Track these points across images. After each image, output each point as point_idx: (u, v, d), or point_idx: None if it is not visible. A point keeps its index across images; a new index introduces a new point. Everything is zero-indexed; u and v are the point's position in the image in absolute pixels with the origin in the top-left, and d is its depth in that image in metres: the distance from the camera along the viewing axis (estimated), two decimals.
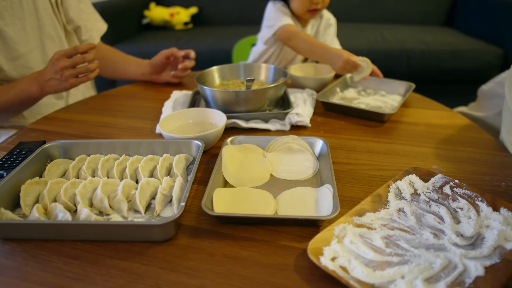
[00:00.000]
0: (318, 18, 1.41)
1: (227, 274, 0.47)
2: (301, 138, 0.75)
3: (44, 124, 0.92)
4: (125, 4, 2.60)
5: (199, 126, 0.85)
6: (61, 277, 0.47)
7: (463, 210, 0.57)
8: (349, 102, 1.03)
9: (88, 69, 0.94)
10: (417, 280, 0.43)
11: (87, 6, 1.21)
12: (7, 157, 0.71)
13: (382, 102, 1.05)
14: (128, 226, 0.52)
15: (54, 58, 0.91)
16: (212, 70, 1.05)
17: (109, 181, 0.61)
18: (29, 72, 1.02)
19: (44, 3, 1.05)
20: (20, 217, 0.56)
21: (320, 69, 1.22)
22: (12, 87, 0.95)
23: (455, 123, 0.93)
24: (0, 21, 0.95)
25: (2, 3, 0.94)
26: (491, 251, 0.48)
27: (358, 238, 0.50)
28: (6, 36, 0.96)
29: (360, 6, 2.75)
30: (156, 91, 1.16)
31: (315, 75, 1.19)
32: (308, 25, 1.39)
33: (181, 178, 0.62)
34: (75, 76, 0.93)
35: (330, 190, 0.59)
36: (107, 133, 0.88)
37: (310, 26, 1.40)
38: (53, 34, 1.08)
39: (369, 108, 0.99)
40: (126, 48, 2.34)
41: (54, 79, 0.92)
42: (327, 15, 1.42)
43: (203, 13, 2.88)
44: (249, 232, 0.54)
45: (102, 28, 1.27)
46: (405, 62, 2.21)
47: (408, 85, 1.09)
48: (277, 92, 0.93)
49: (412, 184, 0.63)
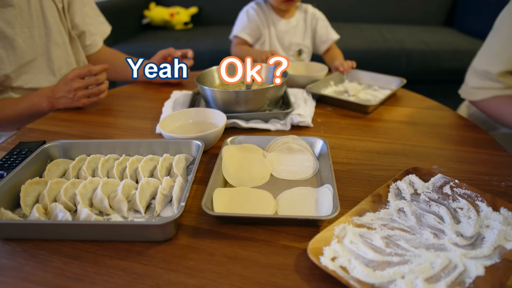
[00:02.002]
0: (302, 13, 1.49)
1: (227, 274, 0.47)
2: (301, 138, 0.75)
3: (44, 124, 0.92)
4: (125, 4, 2.60)
5: (199, 126, 0.85)
6: (61, 277, 0.47)
7: (463, 210, 0.57)
8: (340, 95, 1.09)
9: (100, 91, 0.99)
10: (417, 280, 0.43)
11: (92, 9, 1.22)
12: (7, 157, 0.71)
13: (372, 96, 1.11)
14: (128, 226, 0.52)
15: (68, 78, 0.94)
16: (212, 70, 1.05)
17: (109, 181, 0.61)
18: (34, 79, 1.03)
19: (52, 10, 1.05)
20: (20, 217, 0.56)
21: (311, 67, 1.25)
22: (22, 100, 0.97)
23: (455, 123, 0.93)
24: (11, 30, 0.95)
25: (12, 12, 0.95)
26: (491, 251, 0.48)
27: (358, 238, 0.50)
28: (16, 45, 0.97)
29: (360, 6, 2.75)
30: (156, 91, 1.16)
31: (306, 74, 1.22)
32: (292, 18, 1.47)
33: (181, 178, 0.62)
34: (87, 97, 0.98)
35: (330, 190, 0.59)
36: (107, 133, 0.88)
37: (295, 19, 1.47)
38: (59, 41, 1.09)
39: (358, 101, 1.04)
40: (126, 48, 2.34)
41: (66, 97, 0.96)
42: (311, 10, 1.50)
43: (203, 13, 2.88)
44: (249, 232, 0.54)
45: (106, 31, 1.28)
46: (405, 62, 2.21)
47: (400, 80, 1.14)
48: (277, 92, 0.93)
49: (412, 184, 0.63)
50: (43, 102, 0.96)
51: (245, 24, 1.45)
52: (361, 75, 1.22)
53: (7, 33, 0.94)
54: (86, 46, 1.21)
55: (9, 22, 0.94)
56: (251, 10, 1.45)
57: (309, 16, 1.48)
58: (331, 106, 1.02)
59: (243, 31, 1.45)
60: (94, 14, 1.23)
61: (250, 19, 1.45)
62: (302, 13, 1.49)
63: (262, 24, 1.45)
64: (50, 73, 1.07)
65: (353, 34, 2.40)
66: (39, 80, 1.05)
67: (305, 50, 1.51)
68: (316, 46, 1.52)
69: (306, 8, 1.49)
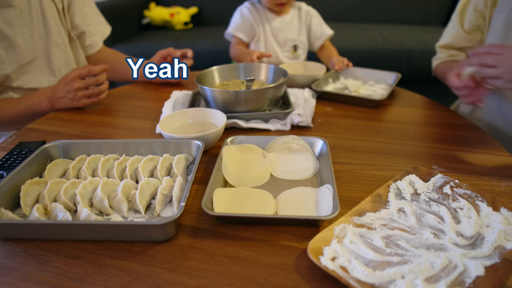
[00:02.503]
0: (296, 10, 1.51)
1: (227, 274, 0.47)
2: (301, 138, 0.75)
3: (44, 124, 0.92)
4: (125, 4, 2.60)
5: (199, 126, 0.85)
6: (61, 277, 0.47)
7: (463, 210, 0.57)
8: (342, 92, 1.11)
9: (100, 91, 0.99)
10: (417, 280, 0.43)
11: (92, 10, 1.22)
12: (7, 157, 0.71)
13: (372, 91, 1.13)
14: (128, 226, 0.52)
15: (69, 78, 0.94)
16: (212, 70, 1.05)
17: (109, 181, 0.61)
18: (34, 79, 1.03)
19: (52, 10, 1.06)
20: (20, 217, 0.56)
21: (309, 67, 1.25)
22: (22, 100, 0.97)
23: (455, 123, 0.93)
24: (11, 30, 0.95)
25: (13, 12, 0.95)
26: (491, 251, 0.48)
27: (358, 238, 0.50)
28: (16, 45, 0.97)
29: (360, 6, 2.75)
30: (156, 91, 1.16)
31: (304, 73, 1.22)
32: (287, 15, 1.49)
33: (181, 178, 0.62)
34: (87, 97, 0.98)
35: (330, 190, 0.59)
36: (107, 133, 0.88)
37: (289, 16, 1.49)
38: (59, 41, 1.09)
39: (365, 96, 1.06)
40: (126, 48, 2.34)
41: (66, 98, 0.96)
42: (305, 7, 1.52)
43: (203, 13, 2.88)
44: (249, 232, 0.54)
45: (105, 32, 1.28)
46: (405, 62, 2.21)
47: (395, 74, 1.18)
48: (277, 92, 0.93)
49: (412, 184, 0.63)
50: (43, 102, 0.96)
51: (239, 23, 1.47)
52: (355, 71, 1.24)
53: (8, 33, 0.95)
54: (85, 46, 1.21)
55: (9, 22, 0.95)
56: (245, 9, 1.48)
57: (303, 13, 1.51)
58: (331, 106, 1.02)
59: (237, 29, 1.47)
60: (94, 15, 1.23)
61: (243, 18, 1.47)
62: (296, 10, 1.51)
63: (256, 22, 1.47)
64: (50, 74, 1.07)
65: (353, 34, 2.40)
66: (39, 80, 1.05)
67: (300, 46, 1.53)
68: (311, 42, 1.54)
69: (300, 6, 1.52)
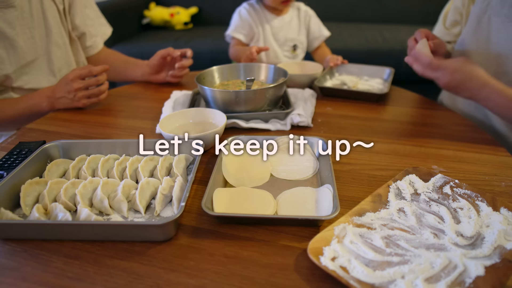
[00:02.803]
0: (295, 10, 1.53)
1: (227, 274, 0.47)
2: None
3: (44, 124, 0.92)
4: (125, 4, 2.60)
5: (199, 126, 0.85)
6: (61, 277, 0.47)
7: (463, 210, 0.57)
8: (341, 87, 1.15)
9: (100, 91, 0.99)
10: (417, 280, 0.43)
11: (93, 10, 1.22)
12: (7, 157, 0.71)
13: (369, 86, 1.17)
14: (128, 226, 0.52)
15: (69, 78, 0.94)
16: (212, 70, 1.05)
17: (109, 181, 0.61)
18: (34, 79, 1.03)
19: (53, 11, 1.06)
20: (20, 217, 0.56)
21: (306, 66, 1.26)
22: (22, 100, 0.97)
23: (455, 123, 0.93)
24: (12, 30, 0.95)
25: (14, 12, 0.95)
26: (491, 251, 0.48)
27: (358, 238, 0.50)
28: (16, 45, 0.97)
29: (360, 6, 2.75)
30: (156, 91, 1.16)
31: (302, 72, 1.23)
32: (286, 15, 1.50)
33: (181, 178, 0.62)
34: (87, 97, 0.98)
35: (330, 190, 0.59)
36: (107, 133, 0.88)
37: (288, 15, 1.51)
38: (60, 42, 1.09)
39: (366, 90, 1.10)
40: (126, 48, 2.34)
41: (66, 98, 0.96)
42: (304, 8, 1.54)
43: (203, 13, 2.88)
44: (249, 232, 0.54)
45: (106, 33, 1.28)
46: (405, 62, 2.21)
47: (388, 69, 1.23)
48: (277, 92, 0.93)
49: (412, 184, 0.63)
50: (43, 102, 0.96)
51: (237, 24, 1.48)
52: (348, 67, 1.28)
53: (8, 34, 0.95)
54: (86, 47, 1.21)
55: (10, 22, 0.95)
56: (243, 10, 1.49)
57: (302, 14, 1.52)
58: (331, 106, 1.02)
59: (236, 31, 1.48)
60: (95, 16, 1.23)
61: (242, 19, 1.48)
62: (295, 10, 1.52)
63: (255, 23, 1.48)
64: (50, 74, 1.08)
65: (353, 34, 2.40)
66: (39, 80, 1.05)
67: (299, 46, 1.54)
68: (310, 42, 1.56)
69: (299, 6, 1.53)
